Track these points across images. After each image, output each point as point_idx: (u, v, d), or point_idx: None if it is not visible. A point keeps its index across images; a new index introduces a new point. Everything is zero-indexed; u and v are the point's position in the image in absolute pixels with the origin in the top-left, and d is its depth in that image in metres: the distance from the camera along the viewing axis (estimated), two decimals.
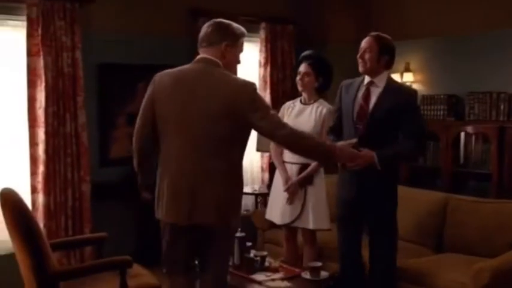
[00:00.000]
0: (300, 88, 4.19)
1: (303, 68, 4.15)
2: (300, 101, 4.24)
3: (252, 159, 6.19)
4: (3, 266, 4.36)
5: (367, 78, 3.59)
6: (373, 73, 3.55)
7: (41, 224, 4.64)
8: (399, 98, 3.48)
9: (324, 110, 4.07)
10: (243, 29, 3.04)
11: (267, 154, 5.89)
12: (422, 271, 3.74)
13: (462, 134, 5.34)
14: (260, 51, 6.08)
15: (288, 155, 4.15)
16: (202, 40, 2.96)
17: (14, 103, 4.73)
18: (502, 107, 5.16)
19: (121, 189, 5.05)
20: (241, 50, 3.05)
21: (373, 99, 3.53)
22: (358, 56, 3.58)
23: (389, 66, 3.63)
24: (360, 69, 3.59)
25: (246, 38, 6.01)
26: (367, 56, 3.52)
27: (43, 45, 4.62)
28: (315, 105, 4.12)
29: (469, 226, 4.09)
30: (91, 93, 5.02)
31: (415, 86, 6.03)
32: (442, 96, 5.60)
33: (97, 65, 5.08)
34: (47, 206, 4.69)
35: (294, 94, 6.20)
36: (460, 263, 3.72)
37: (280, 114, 4.28)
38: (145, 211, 3.22)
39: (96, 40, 5.02)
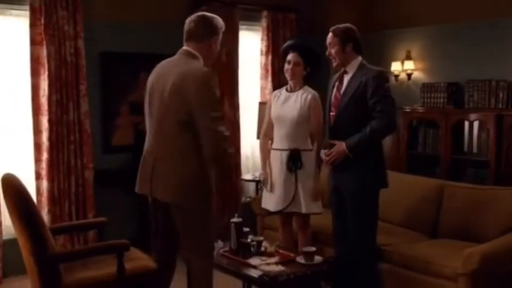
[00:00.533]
0: (288, 77, 4.22)
1: (292, 57, 4.17)
2: (286, 89, 4.28)
3: (254, 147, 6.25)
4: (10, 250, 4.49)
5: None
6: (345, 64, 3.69)
7: (45, 210, 4.76)
8: (364, 78, 3.58)
9: (309, 96, 4.12)
10: (222, 21, 3.25)
11: (268, 142, 5.93)
12: (415, 256, 3.79)
13: (461, 122, 5.37)
14: (262, 39, 6.12)
15: (277, 142, 4.23)
16: (190, 35, 3.16)
17: (18, 91, 4.83)
18: (501, 95, 5.19)
19: (123, 176, 5.13)
20: (219, 43, 3.27)
21: (344, 87, 3.67)
22: (327, 53, 3.75)
23: (358, 50, 3.73)
24: (334, 65, 3.76)
25: (247, 26, 6.11)
26: (332, 51, 3.70)
27: (46, 34, 4.71)
28: (300, 92, 4.17)
29: (464, 212, 4.12)
30: (94, 82, 5.11)
31: (416, 74, 6.08)
32: (442, 84, 5.63)
33: (99, 54, 5.16)
34: (51, 192, 4.80)
35: None
36: (453, 249, 3.77)
37: (268, 104, 4.38)
38: (147, 198, 3.31)
39: (98, 29, 5.09)
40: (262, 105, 5.66)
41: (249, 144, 6.20)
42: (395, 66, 6.17)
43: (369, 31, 6.52)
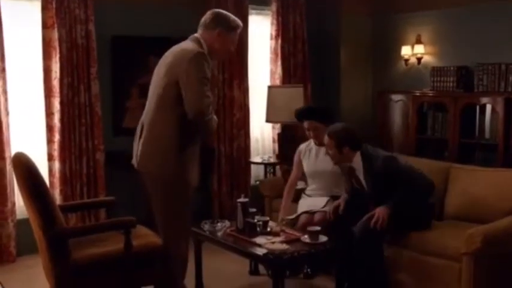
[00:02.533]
0: (316, 142, 4.44)
1: (308, 125, 4.41)
2: (315, 143, 4.47)
3: (263, 131, 6.30)
4: (23, 229, 4.60)
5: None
6: (345, 162, 3.99)
7: (57, 190, 4.86)
8: (377, 171, 3.83)
9: None
10: (239, 23, 3.47)
11: (278, 125, 6.00)
12: (418, 237, 3.82)
13: (471, 106, 5.36)
14: (271, 23, 6.13)
15: (315, 191, 4.46)
16: (201, 24, 3.44)
17: (30, 74, 4.92)
18: (510, 79, 5.17)
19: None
20: (233, 42, 3.49)
21: (363, 182, 3.95)
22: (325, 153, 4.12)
23: (355, 148, 3.95)
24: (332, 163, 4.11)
25: (257, 11, 6.10)
26: (330, 152, 3.98)
27: (57, 17, 4.78)
28: None
29: (469, 194, 4.13)
30: (105, 65, 5.17)
31: (425, 58, 6.07)
32: (451, 67, 5.61)
33: (110, 37, 5.22)
34: (62, 173, 4.90)
35: (304, 68, 6.30)
36: (457, 230, 3.79)
37: (296, 158, 4.56)
38: None
39: (109, 13, 5.15)
40: (271, 88, 5.70)
41: (258, 127, 6.25)
42: (406, 51, 6.17)
43: (379, 15, 6.55)
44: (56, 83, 4.85)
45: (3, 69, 4.58)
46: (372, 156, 3.89)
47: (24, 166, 3.08)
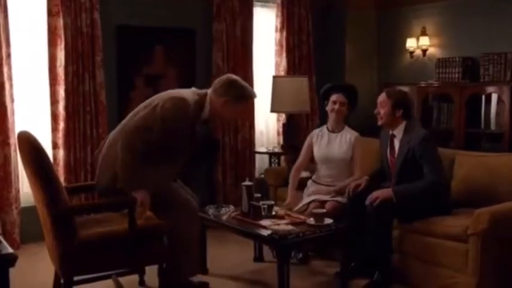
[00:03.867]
0: (334, 117, 4.43)
1: (337, 97, 4.39)
2: (327, 128, 4.48)
3: (268, 124, 6.29)
4: (27, 217, 4.60)
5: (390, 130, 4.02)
6: (391, 126, 3.97)
7: (62, 178, 4.84)
8: (411, 144, 3.84)
9: (353, 138, 4.39)
10: (251, 93, 3.55)
11: (283, 117, 5.98)
12: (426, 220, 3.79)
13: (476, 96, 5.34)
14: (276, 16, 6.13)
15: (321, 178, 4.46)
16: (213, 84, 3.56)
17: (35, 62, 4.93)
18: None
19: None
20: (241, 112, 3.70)
21: (396, 152, 3.98)
22: (375, 112, 4.02)
23: (407, 117, 3.97)
24: (378, 123, 4.05)
25: (261, 3, 6.09)
26: (382, 111, 3.95)
27: (62, 5, 4.79)
28: (343, 133, 4.43)
29: (475, 180, 4.11)
30: (110, 54, 5.18)
31: (431, 50, 6.05)
32: (457, 58, 5.60)
33: (116, 26, 5.22)
34: (67, 161, 4.89)
35: (309, 60, 6.29)
36: (463, 213, 3.78)
37: (307, 143, 4.55)
38: None
39: (114, 1, 5.16)
40: (276, 78, 5.69)
41: (263, 120, 6.24)
42: (411, 43, 6.16)
43: (384, 8, 6.54)
44: (60, 70, 4.85)
45: (9, 56, 4.58)
46: (414, 130, 3.91)
47: (29, 143, 3.07)
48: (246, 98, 3.53)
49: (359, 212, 3.85)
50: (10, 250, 2.10)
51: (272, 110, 5.66)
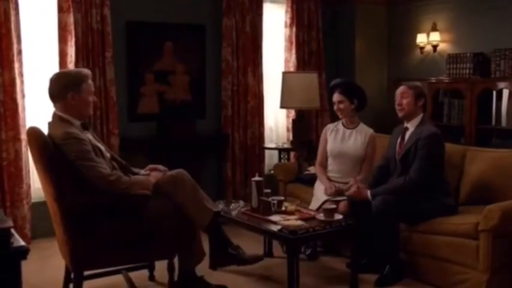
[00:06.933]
0: (340, 115, 4.45)
1: (335, 97, 4.41)
2: (343, 124, 4.47)
3: (277, 120, 6.29)
4: (38, 212, 4.62)
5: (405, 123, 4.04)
6: (411, 116, 3.98)
7: None
8: (418, 136, 3.86)
9: (368, 135, 4.39)
10: (80, 70, 3.55)
11: (292, 113, 5.98)
12: (436, 216, 3.78)
13: (487, 92, 5.31)
14: (286, 11, 6.12)
15: (332, 174, 4.44)
16: (51, 100, 3.54)
17: (46, 58, 4.95)
18: None
19: (147, 144, 5.23)
20: (90, 92, 3.45)
21: (404, 142, 3.98)
22: (396, 103, 4.03)
23: (424, 109, 4.07)
24: (399, 116, 4.06)
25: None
26: (404, 101, 3.97)
27: (73, 1, 4.80)
28: (358, 129, 4.42)
29: (486, 176, 4.08)
30: (120, 50, 5.19)
31: (441, 46, 6.02)
32: (467, 54, 5.56)
33: (126, 22, 5.24)
34: None
35: (318, 56, 6.27)
36: (474, 210, 3.75)
37: (323, 137, 4.54)
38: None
39: None
40: (286, 74, 5.68)
41: (273, 116, 6.23)
42: (421, 38, 6.13)
43: (394, 4, 6.51)
44: (71, 66, 4.86)
45: (20, 52, 4.61)
46: (425, 126, 3.93)
47: (39, 138, 3.11)
48: (80, 78, 3.35)
49: (367, 209, 3.84)
50: (22, 243, 2.11)
51: (282, 106, 5.66)
